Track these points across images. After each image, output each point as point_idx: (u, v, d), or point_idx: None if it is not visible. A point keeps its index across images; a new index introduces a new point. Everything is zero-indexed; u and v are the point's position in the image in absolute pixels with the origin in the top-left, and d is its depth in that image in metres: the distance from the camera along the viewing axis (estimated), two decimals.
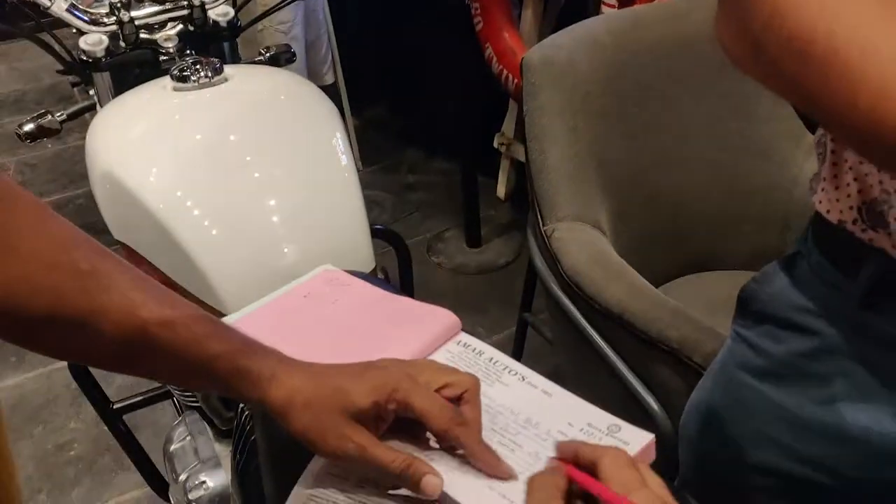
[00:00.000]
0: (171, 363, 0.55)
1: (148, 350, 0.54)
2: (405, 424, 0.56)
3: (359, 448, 0.52)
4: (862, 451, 0.63)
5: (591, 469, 0.47)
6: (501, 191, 2.63)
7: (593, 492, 0.45)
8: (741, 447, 0.72)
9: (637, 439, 0.54)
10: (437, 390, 0.55)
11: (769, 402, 0.68)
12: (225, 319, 0.77)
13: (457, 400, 0.56)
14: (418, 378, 0.55)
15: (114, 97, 1.07)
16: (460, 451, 0.54)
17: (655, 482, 0.46)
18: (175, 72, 0.98)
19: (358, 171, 2.25)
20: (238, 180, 0.94)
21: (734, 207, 1.38)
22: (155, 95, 1.01)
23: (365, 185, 0.99)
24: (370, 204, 2.68)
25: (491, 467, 0.52)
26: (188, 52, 1.04)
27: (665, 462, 1.02)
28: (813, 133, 0.71)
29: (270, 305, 0.78)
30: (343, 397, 0.54)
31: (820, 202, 0.63)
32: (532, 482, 0.47)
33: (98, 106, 1.11)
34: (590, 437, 0.55)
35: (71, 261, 0.53)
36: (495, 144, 2.52)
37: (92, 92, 1.14)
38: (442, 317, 0.69)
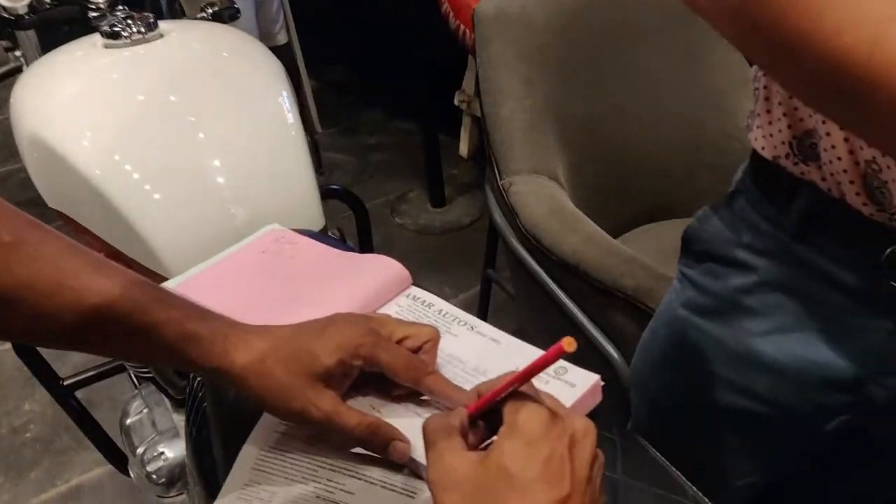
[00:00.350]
0: (113, 334, 0.52)
1: (86, 322, 0.50)
2: (367, 378, 0.54)
3: (323, 414, 0.51)
4: (798, 380, 0.65)
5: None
6: (464, 149, 2.60)
7: (490, 401, 0.44)
8: (686, 385, 0.73)
9: (583, 381, 0.54)
10: (398, 342, 0.54)
11: (711, 338, 0.70)
12: (175, 278, 0.75)
13: (416, 351, 0.55)
14: (380, 332, 0.54)
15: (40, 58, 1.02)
16: (424, 401, 0.53)
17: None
18: (105, 28, 0.94)
19: (316, 133, 2.20)
20: (179, 141, 0.91)
21: (689, 157, 1.38)
22: (85, 53, 0.96)
23: (324, 147, 0.97)
24: (330, 166, 2.66)
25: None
26: (120, 6, 0.99)
27: (625, 406, 1.03)
28: None
29: (219, 264, 0.76)
30: (307, 358, 0.52)
31: (755, 139, 0.64)
32: (426, 424, 0.46)
33: (24, 67, 1.06)
34: (537, 379, 0.54)
35: None
36: (456, 102, 2.49)
37: (18, 53, 1.09)
38: (392, 268, 0.68)
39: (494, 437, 0.43)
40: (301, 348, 0.52)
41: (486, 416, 0.45)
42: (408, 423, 0.53)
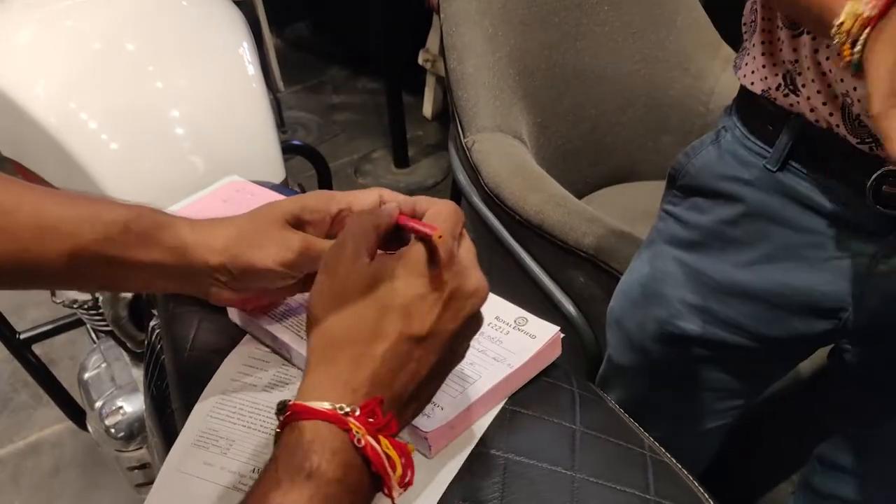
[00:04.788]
0: (78, 243, 0.49)
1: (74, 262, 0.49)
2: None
3: (303, 241, 0.50)
4: (781, 307, 0.69)
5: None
6: (428, 109, 2.58)
7: (413, 228, 0.44)
8: (665, 319, 0.76)
9: (543, 332, 0.54)
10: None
11: (692, 270, 0.73)
12: None
13: None
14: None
15: None
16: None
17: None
18: None
19: (280, 91, 2.16)
20: (137, 91, 0.89)
21: (654, 119, 1.39)
22: None
23: (288, 106, 0.96)
24: (294, 125, 2.62)
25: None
26: None
27: (587, 363, 1.05)
28: (730, 46, 0.75)
29: (180, 211, 0.74)
30: (270, 209, 0.52)
31: (744, 76, 0.68)
32: (353, 218, 0.46)
33: None
34: (497, 330, 0.55)
35: None
36: (420, 61, 2.46)
37: None
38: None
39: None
40: (261, 208, 0.53)
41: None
42: None
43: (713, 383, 0.78)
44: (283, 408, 0.39)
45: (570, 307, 1.03)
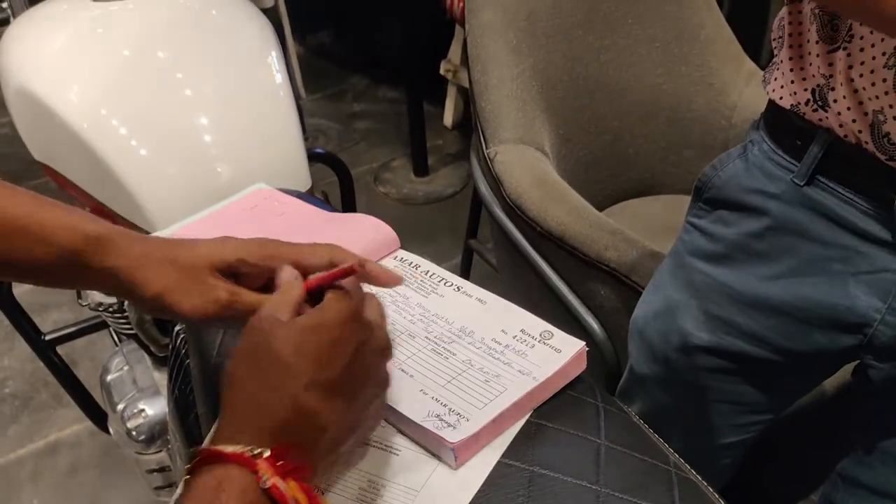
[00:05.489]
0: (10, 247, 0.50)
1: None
2: None
3: (230, 294, 0.49)
4: (805, 322, 0.69)
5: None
6: (448, 119, 2.59)
7: (326, 280, 0.47)
8: (689, 331, 0.76)
9: (568, 346, 0.54)
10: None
11: (717, 283, 0.73)
12: (161, 231, 0.75)
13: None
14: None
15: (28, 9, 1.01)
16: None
17: None
18: None
19: (301, 99, 2.19)
20: (167, 97, 0.90)
21: (676, 132, 1.39)
22: (73, 6, 0.95)
23: (309, 113, 0.97)
24: (315, 133, 2.64)
25: (382, 275, 0.50)
26: None
27: (606, 377, 1.04)
28: (753, 60, 0.76)
29: (208, 217, 0.75)
30: (207, 253, 0.51)
31: (773, 90, 0.68)
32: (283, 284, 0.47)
33: (11, 19, 1.04)
34: (523, 343, 0.55)
35: None
36: (441, 71, 2.48)
37: (6, 5, 1.07)
38: (382, 229, 0.69)
39: None
40: (199, 245, 0.52)
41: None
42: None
43: (736, 396, 0.78)
44: (193, 454, 0.40)
45: (591, 320, 1.03)
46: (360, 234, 0.68)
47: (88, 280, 0.52)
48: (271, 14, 2.74)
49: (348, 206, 1.22)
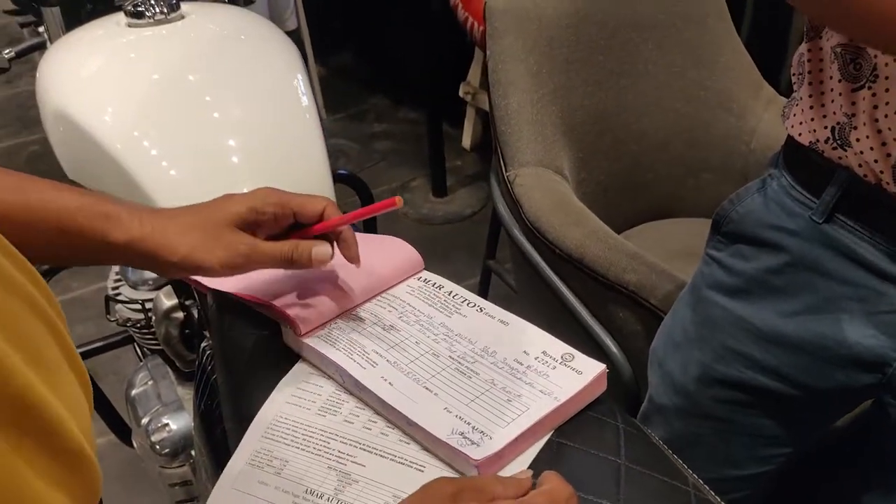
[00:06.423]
0: (25, 229, 0.53)
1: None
2: None
3: (249, 246, 0.55)
4: (823, 359, 0.69)
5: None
6: (467, 141, 2.62)
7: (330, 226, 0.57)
8: (708, 363, 0.76)
9: (590, 368, 0.56)
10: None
11: (736, 317, 0.73)
12: None
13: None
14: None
15: (65, 34, 1.04)
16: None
17: None
18: (129, 7, 0.95)
19: (322, 119, 2.22)
20: (197, 120, 0.92)
21: (694, 157, 1.40)
22: (108, 32, 0.98)
23: (330, 133, 0.99)
24: (335, 153, 2.67)
25: (349, 245, 0.58)
26: None
27: (625, 400, 1.05)
28: (772, 86, 0.76)
29: None
30: (220, 211, 0.57)
31: (792, 126, 0.68)
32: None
33: (48, 44, 1.08)
34: (544, 364, 0.56)
35: None
36: (461, 94, 2.50)
37: (42, 29, 1.10)
38: (407, 251, 0.71)
39: None
40: (210, 206, 0.58)
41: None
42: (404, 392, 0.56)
43: (756, 429, 0.78)
44: None
45: (610, 343, 1.04)
46: (388, 255, 0.69)
47: (111, 256, 0.56)
48: (294, 36, 2.80)
49: (369, 225, 1.24)
